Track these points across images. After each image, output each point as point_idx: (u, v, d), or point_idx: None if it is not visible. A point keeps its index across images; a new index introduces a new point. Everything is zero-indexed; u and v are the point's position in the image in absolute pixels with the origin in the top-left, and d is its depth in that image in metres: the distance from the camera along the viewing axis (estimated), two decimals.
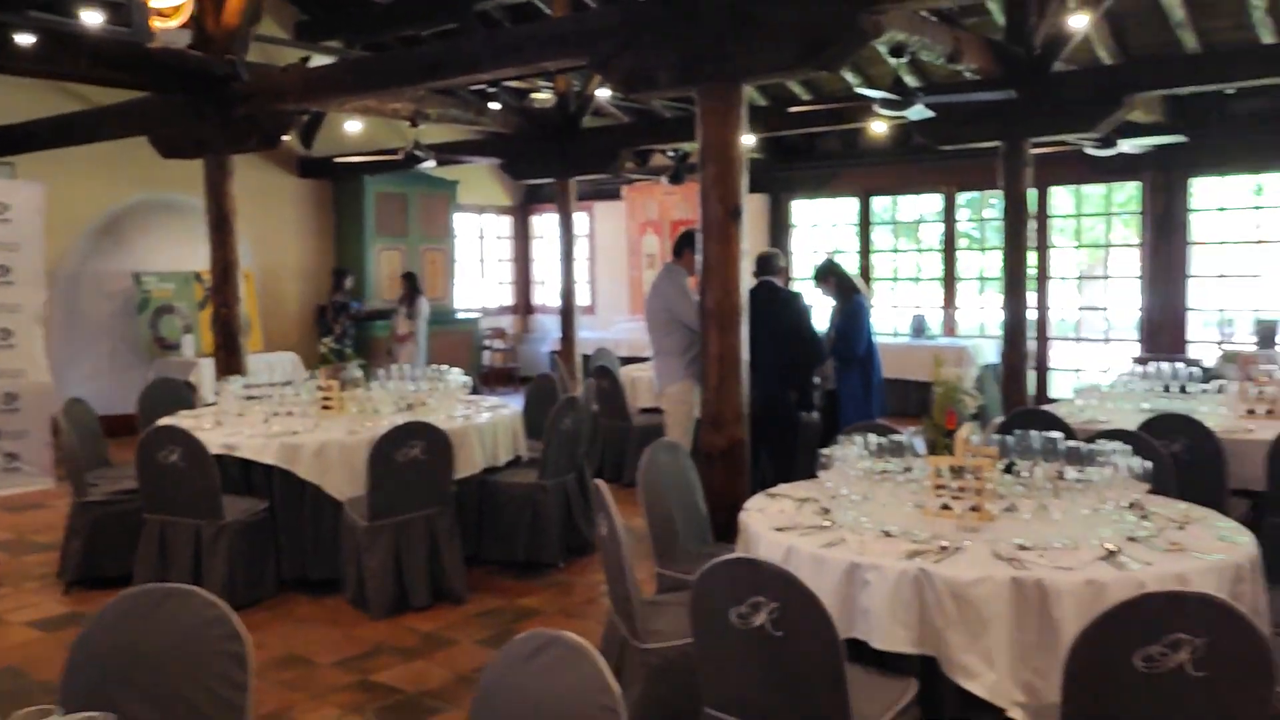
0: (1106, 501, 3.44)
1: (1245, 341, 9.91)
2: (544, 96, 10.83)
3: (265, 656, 4.74)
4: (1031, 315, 11.69)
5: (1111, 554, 3.12)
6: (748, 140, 11.38)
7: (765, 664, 2.82)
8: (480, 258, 15.86)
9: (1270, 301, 10.57)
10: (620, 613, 3.61)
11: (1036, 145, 8.51)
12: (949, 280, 12.70)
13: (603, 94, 10.45)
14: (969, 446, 3.65)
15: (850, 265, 13.52)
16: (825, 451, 3.77)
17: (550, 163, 11.05)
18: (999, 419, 5.99)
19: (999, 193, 8.34)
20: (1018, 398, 7.98)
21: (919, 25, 6.68)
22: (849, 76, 10.75)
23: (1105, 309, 12.24)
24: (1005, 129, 7.92)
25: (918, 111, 6.99)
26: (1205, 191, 11.18)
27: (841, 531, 3.44)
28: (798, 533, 3.47)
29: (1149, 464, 3.55)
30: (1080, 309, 12.63)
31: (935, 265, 12.94)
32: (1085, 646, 2.47)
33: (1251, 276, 10.93)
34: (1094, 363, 11.43)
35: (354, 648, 4.88)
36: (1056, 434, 3.97)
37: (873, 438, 3.95)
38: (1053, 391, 11.67)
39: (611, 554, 3.58)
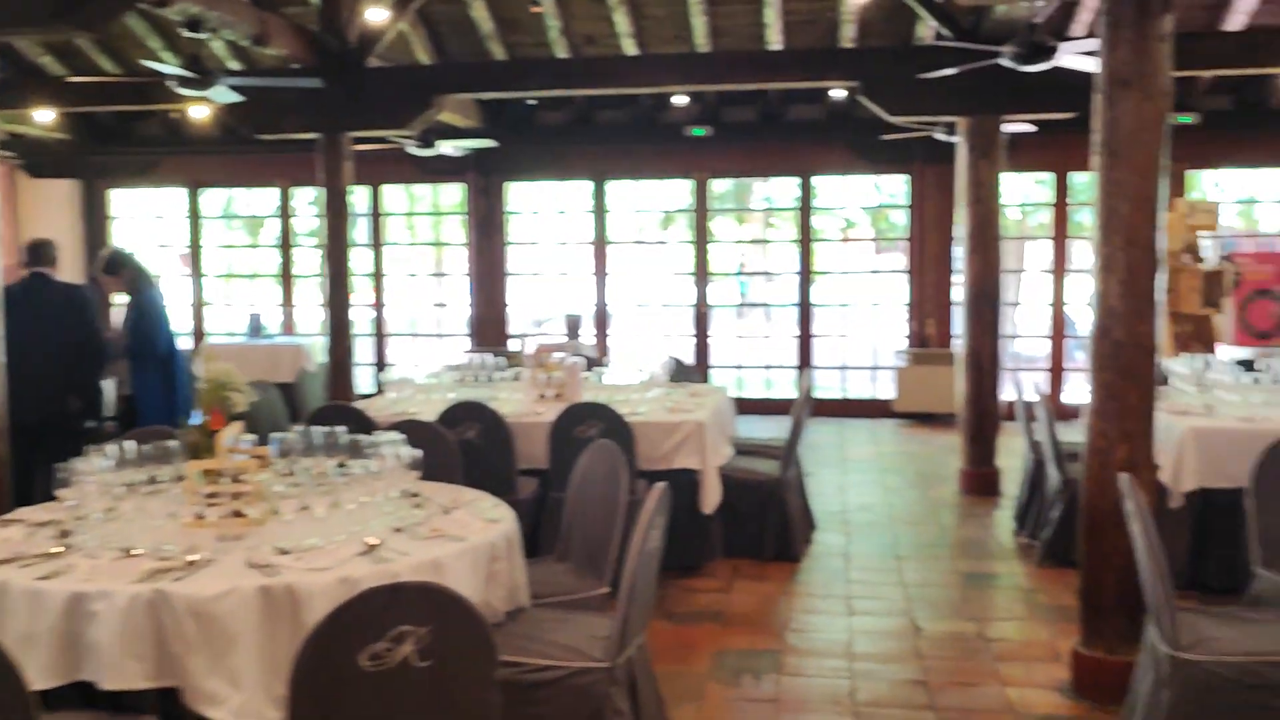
0: (377, 494, 3.37)
1: (557, 334, 10.88)
2: None
3: None
4: (373, 313, 11.99)
5: (372, 548, 3.03)
6: (45, 115, 10.09)
7: None
8: None
9: (577, 297, 11.76)
10: None
11: (361, 142, 8.49)
12: (286, 278, 12.35)
13: None
14: (237, 448, 3.38)
15: (180, 261, 12.64)
16: (64, 466, 3.24)
17: None
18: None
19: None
20: (343, 394, 7.89)
21: (216, 0, 6.25)
22: (168, 54, 9.88)
23: (444, 305, 12.77)
24: (321, 121, 7.77)
25: (221, 94, 6.54)
26: (520, 195, 12.11)
27: (75, 557, 2.96)
28: (17, 564, 2.92)
29: (419, 452, 3.55)
30: (426, 305, 13.05)
31: (274, 262, 12.51)
32: (309, 653, 2.32)
33: (561, 275, 12.09)
34: (432, 358, 11.84)
35: None
36: (341, 428, 3.86)
37: (131, 445, 3.50)
38: None
39: None
